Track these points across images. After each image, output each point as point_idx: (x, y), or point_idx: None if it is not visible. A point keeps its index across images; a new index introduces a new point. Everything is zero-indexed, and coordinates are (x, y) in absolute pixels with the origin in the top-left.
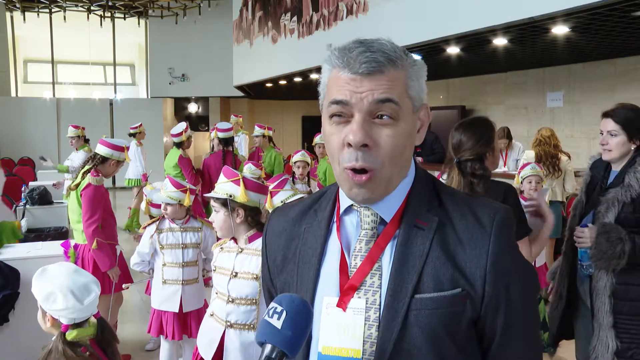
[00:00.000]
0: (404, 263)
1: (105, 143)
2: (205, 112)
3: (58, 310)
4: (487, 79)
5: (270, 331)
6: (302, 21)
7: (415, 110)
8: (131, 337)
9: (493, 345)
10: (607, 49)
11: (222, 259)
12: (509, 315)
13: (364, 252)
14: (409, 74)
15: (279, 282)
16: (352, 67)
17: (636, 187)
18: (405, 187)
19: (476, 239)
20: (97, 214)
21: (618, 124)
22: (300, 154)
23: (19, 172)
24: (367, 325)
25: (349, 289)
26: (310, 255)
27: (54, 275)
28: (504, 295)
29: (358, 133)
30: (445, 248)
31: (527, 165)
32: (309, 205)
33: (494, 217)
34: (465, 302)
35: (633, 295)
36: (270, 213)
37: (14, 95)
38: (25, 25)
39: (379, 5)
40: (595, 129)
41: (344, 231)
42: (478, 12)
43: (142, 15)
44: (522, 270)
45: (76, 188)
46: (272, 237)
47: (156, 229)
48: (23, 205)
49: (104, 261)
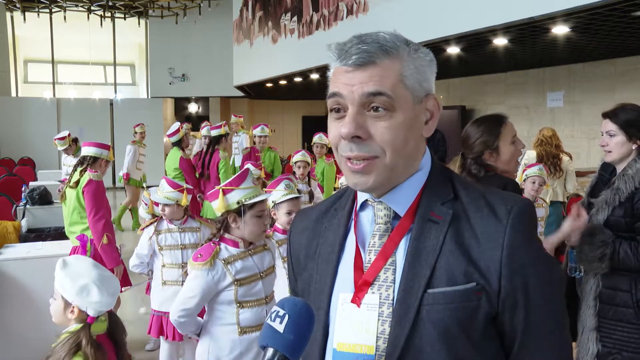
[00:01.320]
0: (417, 257)
1: (91, 144)
2: (206, 112)
3: (92, 303)
4: (487, 79)
5: (272, 335)
6: (302, 21)
7: (417, 101)
8: (131, 337)
9: (515, 345)
10: (607, 49)
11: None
12: (529, 312)
13: (378, 246)
14: (406, 63)
15: (300, 282)
16: (345, 59)
17: (624, 191)
18: (419, 180)
19: (491, 231)
20: (102, 209)
21: (616, 124)
22: (300, 154)
23: (19, 172)
24: (381, 321)
25: (362, 284)
26: (329, 252)
27: (83, 268)
28: (522, 290)
29: (348, 125)
30: (459, 242)
31: (535, 166)
32: (330, 205)
33: (511, 209)
34: (479, 297)
35: (619, 301)
36: (295, 215)
37: (14, 95)
38: (25, 25)
39: (379, 5)
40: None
41: (360, 227)
42: (478, 12)
43: (142, 15)
44: (542, 264)
45: (76, 186)
46: (296, 236)
47: (154, 231)
48: (23, 205)
49: (112, 257)
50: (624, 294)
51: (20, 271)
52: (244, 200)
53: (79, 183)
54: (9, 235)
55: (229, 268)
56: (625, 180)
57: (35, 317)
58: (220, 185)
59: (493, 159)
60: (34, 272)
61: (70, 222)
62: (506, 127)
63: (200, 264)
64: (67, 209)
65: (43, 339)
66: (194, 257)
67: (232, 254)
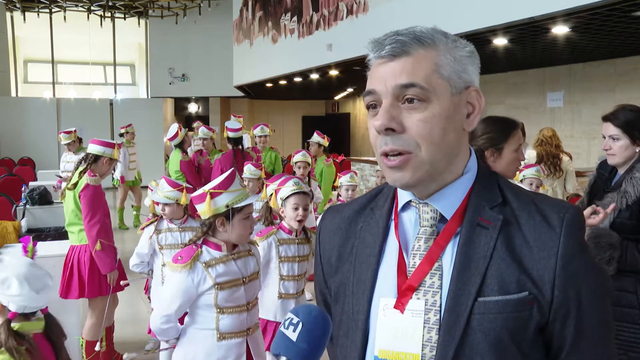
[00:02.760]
0: (467, 264)
1: (96, 141)
2: (205, 112)
3: (12, 296)
4: (487, 79)
5: (285, 343)
6: (302, 21)
7: (456, 92)
8: (131, 337)
9: (562, 354)
10: (607, 49)
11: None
12: (580, 322)
13: (423, 250)
14: (443, 53)
15: (333, 284)
16: (379, 50)
17: (632, 193)
18: (466, 183)
19: (545, 240)
20: (98, 215)
21: (619, 128)
22: (301, 154)
23: (19, 172)
24: (427, 328)
25: (407, 289)
26: (367, 254)
27: (10, 263)
28: (575, 300)
29: (381, 117)
30: (510, 249)
31: (532, 167)
32: (366, 203)
33: (564, 217)
34: (532, 307)
35: (624, 302)
36: (324, 212)
37: (14, 95)
38: (25, 25)
39: (379, 5)
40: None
41: (402, 229)
42: (478, 12)
43: (142, 15)
44: (595, 274)
45: (74, 188)
46: (327, 235)
47: (155, 230)
48: (23, 205)
49: (105, 263)
50: (629, 295)
51: None
52: (233, 203)
53: (77, 185)
54: (9, 235)
55: (210, 271)
56: (633, 184)
57: None
58: (207, 188)
59: (493, 158)
60: None
61: (68, 222)
62: (517, 133)
63: (180, 266)
64: (66, 208)
65: None
66: (173, 259)
67: (213, 257)
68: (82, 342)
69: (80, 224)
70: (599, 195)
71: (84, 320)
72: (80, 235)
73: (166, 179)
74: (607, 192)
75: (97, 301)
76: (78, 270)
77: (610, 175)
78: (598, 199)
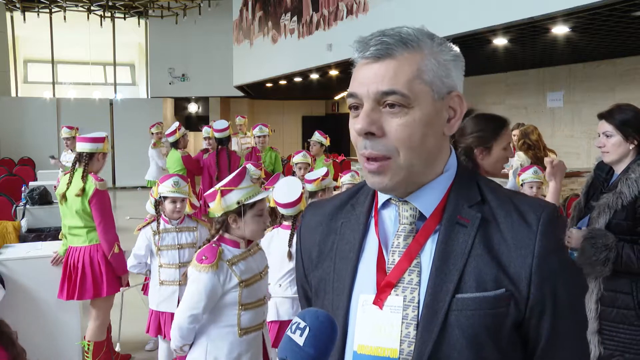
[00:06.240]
0: (445, 261)
1: (85, 139)
2: (205, 112)
3: None
4: (487, 79)
5: (291, 348)
6: (302, 21)
7: (439, 97)
8: (131, 337)
9: (538, 350)
10: (607, 49)
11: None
12: (555, 318)
13: (402, 247)
14: (427, 57)
15: (313, 279)
16: (364, 51)
17: (627, 194)
18: (446, 181)
19: (522, 238)
20: (110, 218)
21: (612, 125)
22: (301, 154)
23: (19, 172)
24: (405, 324)
25: (385, 286)
26: (347, 250)
27: None
28: (551, 297)
29: (361, 121)
30: (488, 246)
31: (530, 169)
32: (346, 200)
33: (540, 215)
34: (508, 304)
35: (620, 303)
36: (305, 208)
37: (14, 95)
38: (25, 25)
39: (379, 5)
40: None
41: (382, 226)
42: (478, 12)
43: (142, 15)
44: (570, 271)
45: (82, 193)
46: (307, 231)
47: (151, 231)
48: (23, 205)
49: (122, 265)
50: (625, 296)
51: (20, 271)
52: (244, 200)
53: (84, 191)
54: (9, 235)
55: (234, 269)
56: (628, 185)
57: (34, 316)
58: (219, 186)
59: (481, 156)
60: (34, 272)
61: (71, 225)
62: (506, 131)
63: (207, 266)
64: (67, 210)
65: (43, 338)
66: (198, 259)
67: (234, 254)
68: (87, 344)
69: (86, 227)
70: (596, 196)
71: (84, 321)
72: (90, 236)
73: (180, 175)
74: (604, 192)
75: (100, 302)
76: (82, 271)
77: (607, 176)
78: (595, 199)
